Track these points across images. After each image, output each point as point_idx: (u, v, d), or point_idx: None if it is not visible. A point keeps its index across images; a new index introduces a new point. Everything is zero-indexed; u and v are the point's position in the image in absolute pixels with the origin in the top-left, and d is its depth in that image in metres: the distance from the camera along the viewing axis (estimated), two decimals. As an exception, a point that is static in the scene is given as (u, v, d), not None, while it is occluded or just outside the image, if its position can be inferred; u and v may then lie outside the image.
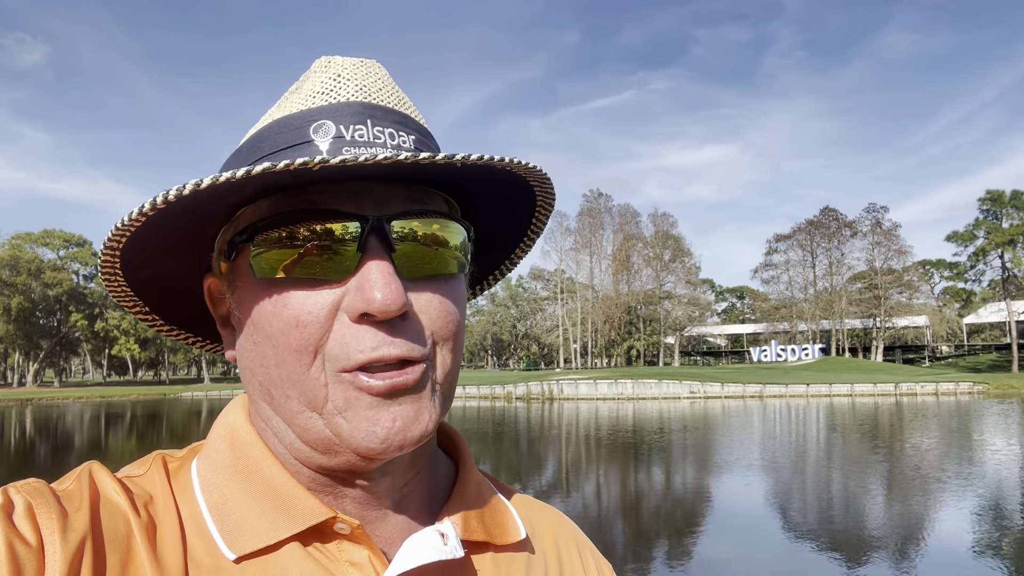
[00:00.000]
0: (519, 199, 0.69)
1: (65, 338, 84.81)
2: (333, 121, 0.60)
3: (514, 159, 0.59)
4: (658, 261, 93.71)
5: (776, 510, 11.42)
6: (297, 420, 0.58)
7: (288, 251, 0.56)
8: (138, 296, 0.68)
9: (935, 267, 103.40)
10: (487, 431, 26.06)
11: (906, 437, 21.55)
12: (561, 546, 0.76)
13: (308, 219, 0.56)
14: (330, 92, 0.62)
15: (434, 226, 0.60)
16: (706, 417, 30.73)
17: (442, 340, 0.59)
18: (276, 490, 0.59)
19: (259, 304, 0.58)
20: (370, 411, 0.55)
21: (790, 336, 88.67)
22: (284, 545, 0.57)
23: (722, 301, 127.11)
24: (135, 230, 0.57)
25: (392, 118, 0.62)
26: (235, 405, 0.66)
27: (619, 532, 10.08)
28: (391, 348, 0.55)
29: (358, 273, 0.56)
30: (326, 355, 0.56)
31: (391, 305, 0.53)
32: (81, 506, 0.53)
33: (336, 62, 0.65)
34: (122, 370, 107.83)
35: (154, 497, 0.58)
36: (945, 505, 11.31)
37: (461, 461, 0.73)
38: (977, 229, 76.78)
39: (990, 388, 46.33)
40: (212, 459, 0.62)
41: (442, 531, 0.62)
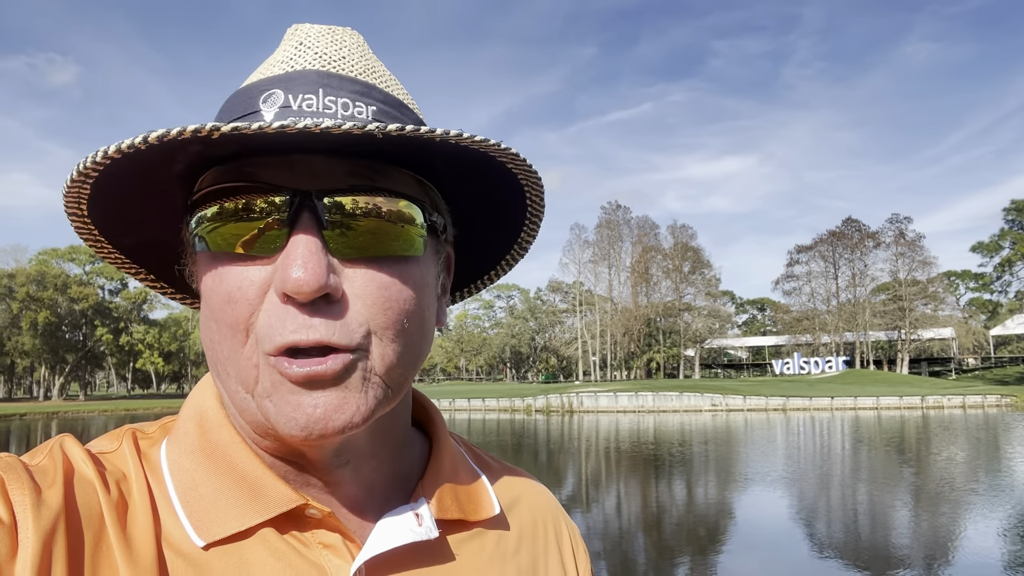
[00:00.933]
0: (507, 199, 0.67)
1: (90, 352, 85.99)
2: (283, 90, 0.58)
3: (462, 133, 0.54)
4: (677, 273, 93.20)
5: (802, 526, 11.24)
6: (235, 399, 0.57)
7: (223, 225, 0.55)
8: (138, 263, 0.68)
9: (960, 278, 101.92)
10: (507, 443, 25.97)
11: (934, 451, 21.16)
12: (538, 518, 0.75)
13: (241, 193, 0.55)
14: (289, 60, 0.61)
15: (381, 203, 0.56)
16: (728, 430, 30.41)
17: (380, 328, 0.56)
18: (246, 476, 0.58)
19: (203, 277, 0.58)
20: (292, 396, 0.53)
21: (813, 348, 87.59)
22: (255, 531, 0.56)
23: (743, 313, 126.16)
24: (95, 204, 0.58)
25: (350, 87, 0.59)
26: (205, 384, 0.64)
27: (641, 547, 9.97)
28: (309, 332, 0.52)
29: (282, 250, 0.54)
30: (256, 335, 0.54)
31: (304, 285, 0.51)
32: (55, 482, 0.52)
33: (302, 30, 0.63)
34: (146, 383, 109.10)
35: (126, 475, 0.57)
36: (975, 521, 11.06)
37: (435, 437, 0.72)
38: (1002, 239, 75.78)
39: (1018, 401, 45.39)
40: (181, 441, 0.61)
41: (416, 512, 0.61)
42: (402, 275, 0.57)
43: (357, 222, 0.55)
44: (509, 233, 0.72)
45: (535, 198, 0.67)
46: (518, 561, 0.69)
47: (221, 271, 0.56)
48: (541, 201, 0.68)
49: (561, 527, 0.78)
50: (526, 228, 0.71)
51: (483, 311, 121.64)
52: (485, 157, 0.59)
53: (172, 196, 0.60)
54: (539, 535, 0.74)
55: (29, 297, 74.21)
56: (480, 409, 49.84)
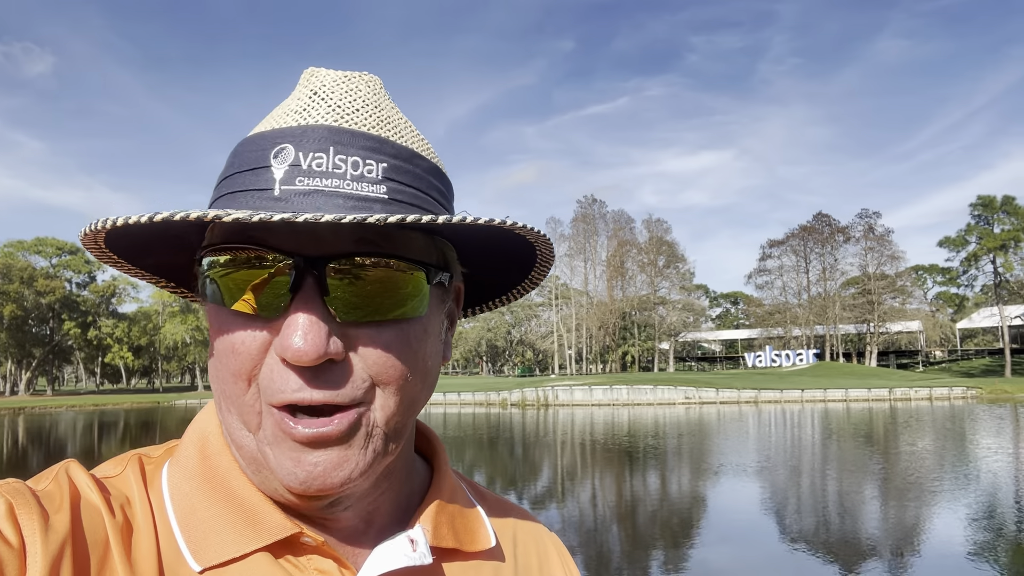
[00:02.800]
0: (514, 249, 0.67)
1: (58, 346, 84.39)
2: (294, 146, 0.58)
3: (466, 218, 0.55)
4: (652, 267, 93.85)
5: (772, 516, 11.41)
6: (235, 435, 0.58)
7: (229, 282, 0.57)
8: (159, 276, 0.70)
9: (928, 272, 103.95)
10: (482, 437, 26.00)
11: (901, 442, 21.59)
12: (533, 553, 0.76)
13: (248, 254, 0.56)
14: (302, 111, 0.60)
15: (382, 269, 0.57)
16: (701, 423, 30.73)
17: (383, 384, 0.57)
18: (243, 503, 0.59)
19: (210, 321, 0.60)
20: (293, 452, 0.55)
21: (784, 341, 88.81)
22: (249, 557, 0.57)
23: (716, 307, 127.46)
24: (112, 240, 0.59)
25: (361, 143, 0.59)
26: (209, 410, 0.66)
27: (615, 539, 10.06)
28: (313, 393, 0.54)
29: (285, 315, 0.55)
30: (259, 384, 0.56)
31: (304, 356, 0.53)
32: (61, 507, 0.53)
33: (318, 76, 0.63)
34: (115, 378, 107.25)
35: (130, 500, 0.58)
36: (940, 510, 11.33)
37: (436, 468, 0.73)
38: (969, 234, 77.21)
39: (983, 393, 46.53)
40: (182, 466, 0.62)
41: (412, 537, 0.62)
42: (404, 336, 0.58)
43: (360, 288, 0.56)
44: (517, 272, 0.73)
45: (543, 261, 0.68)
46: None
47: (226, 323, 0.57)
48: (549, 263, 0.69)
49: (553, 555, 0.78)
50: (535, 273, 0.72)
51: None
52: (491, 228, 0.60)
53: (186, 234, 0.62)
54: (533, 567, 0.74)
55: (-6, 290, 72.63)
56: (456, 403, 49.75)
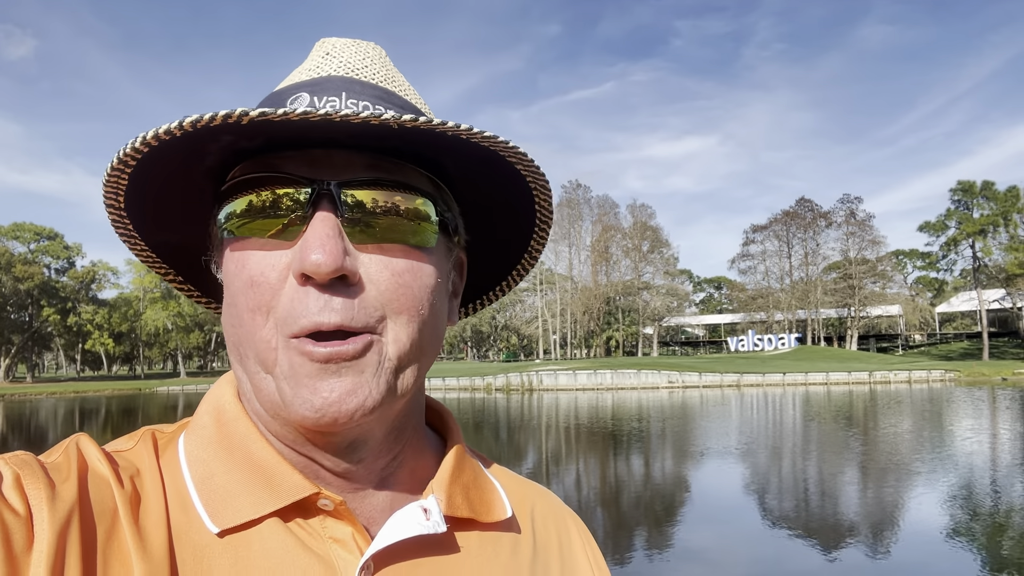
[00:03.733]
0: (515, 205, 0.69)
1: (37, 333, 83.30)
2: (309, 93, 0.62)
3: (473, 128, 0.57)
4: (636, 252, 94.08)
5: (753, 497, 11.54)
6: (254, 379, 0.59)
7: (248, 212, 0.58)
8: (165, 262, 0.71)
9: (908, 257, 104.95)
10: (467, 422, 26.04)
11: (880, 424, 21.89)
12: (551, 524, 0.77)
13: (266, 183, 0.58)
14: (316, 68, 0.66)
15: (396, 196, 0.59)
16: (684, 407, 30.96)
17: (394, 313, 0.58)
18: (260, 465, 0.60)
19: (227, 264, 0.61)
20: (310, 379, 0.55)
21: (767, 326, 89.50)
22: (267, 520, 0.58)
23: (700, 291, 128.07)
24: (132, 196, 0.62)
25: (372, 92, 0.63)
26: (223, 381, 0.67)
27: (599, 521, 10.13)
28: (330, 315, 0.55)
29: (302, 236, 0.56)
30: (276, 318, 0.57)
31: (323, 266, 0.53)
32: (69, 477, 0.53)
33: (329, 42, 0.68)
34: (96, 365, 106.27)
35: (140, 471, 0.59)
36: (917, 490, 11.50)
37: (449, 438, 0.73)
38: (949, 219, 77.94)
39: (961, 376, 47.21)
40: (199, 434, 0.63)
41: (425, 507, 0.63)
42: (415, 264, 0.60)
43: (373, 212, 0.58)
44: (519, 240, 0.75)
45: (543, 202, 0.69)
46: (534, 568, 0.70)
47: (244, 256, 0.59)
48: (549, 205, 0.69)
49: (573, 532, 0.79)
50: (536, 234, 0.73)
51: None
52: (494, 156, 0.61)
53: (202, 192, 0.64)
54: (553, 542, 0.75)
55: (-30, 277, 71.51)
56: (440, 388, 49.77)
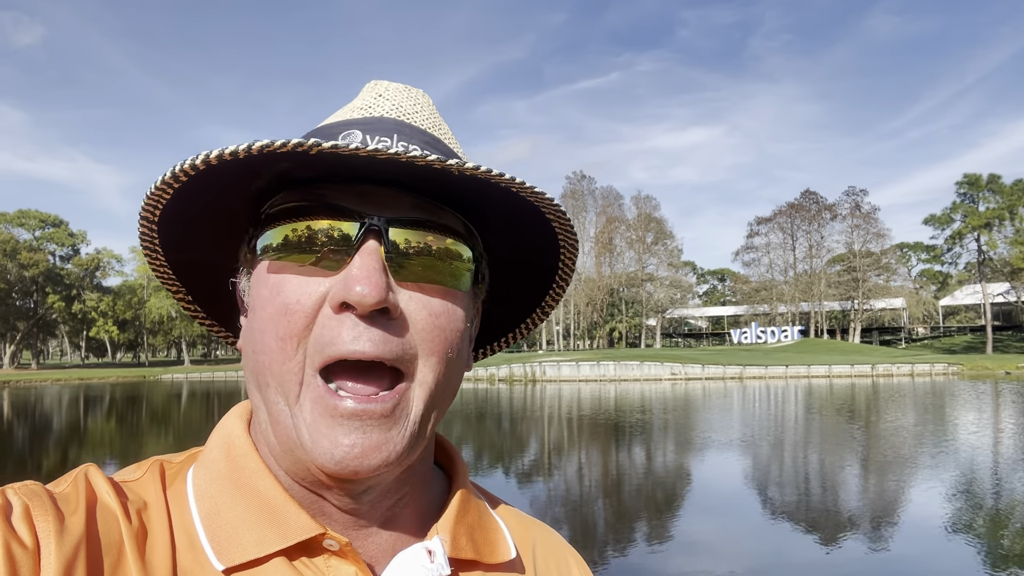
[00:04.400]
0: (541, 249, 0.69)
1: (42, 320, 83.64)
2: (362, 131, 0.62)
3: (524, 183, 0.58)
4: (640, 244, 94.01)
5: (755, 490, 11.59)
6: (272, 409, 0.59)
7: (291, 241, 0.58)
8: (179, 280, 0.71)
9: (912, 250, 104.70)
10: (470, 413, 26.13)
11: (882, 417, 21.92)
12: (552, 565, 0.76)
13: (315, 212, 0.58)
14: (368, 108, 0.67)
15: (436, 237, 0.60)
16: (687, 399, 31.02)
17: (427, 354, 0.59)
18: (268, 503, 0.59)
19: (260, 290, 0.60)
20: (331, 432, 0.55)
21: (770, 318, 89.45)
22: (272, 559, 0.58)
23: (703, 283, 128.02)
24: (167, 212, 0.61)
25: (421, 137, 0.64)
26: (234, 414, 0.67)
27: (600, 513, 10.20)
28: (367, 345, 0.55)
29: (346, 266, 0.57)
30: (307, 347, 0.56)
31: (368, 297, 0.54)
32: (77, 509, 0.53)
33: (382, 85, 0.70)
34: (101, 352, 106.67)
35: (148, 504, 0.58)
36: (919, 483, 11.53)
37: (455, 477, 0.73)
38: (954, 212, 77.70)
39: (964, 369, 47.20)
40: (208, 468, 0.63)
41: (430, 548, 0.62)
42: (451, 306, 0.61)
43: (416, 252, 0.59)
44: (535, 294, 0.76)
45: (568, 260, 0.70)
46: None
47: (281, 282, 0.58)
48: (573, 264, 0.71)
49: (574, 570, 0.79)
50: (554, 289, 0.74)
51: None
52: (532, 210, 0.63)
53: (232, 214, 0.64)
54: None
55: (-24, 263, 71.75)
56: (443, 378, 49.81)
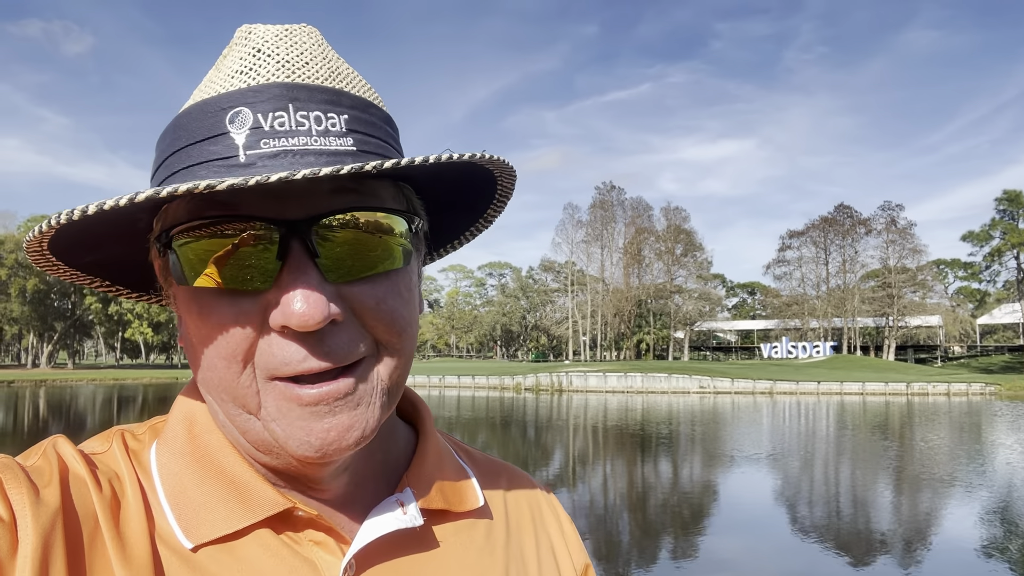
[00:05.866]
0: (477, 185, 0.66)
1: (79, 320, 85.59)
2: (251, 108, 0.55)
3: (441, 156, 0.54)
4: (669, 255, 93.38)
5: (785, 508, 11.40)
6: (237, 421, 0.57)
7: (208, 258, 0.54)
8: (94, 275, 0.66)
9: (950, 267, 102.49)
10: (495, 421, 26.13)
11: (917, 437, 21.44)
12: (523, 507, 0.77)
13: (226, 225, 0.53)
14: (249, 71, 0.57)
15: (368, 220, 0.56)
16: (715, 412, 30.67)
17: (383, 341, 0.57)
18: (234, 480, 0.58)
19: (188, 307, 0.56)
20: (302, 421, 0.54)
21: (801, 333, 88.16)
22: (244, 534, 0.57)
23: (733, 296, 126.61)
24: (52, 235, 0.54)
25: (320, 97, 0.57)
26: (193, 389, 0.64)
27: (625, 526, 10.10)
28: (319, 361, 0.53)
29: (278, 284, 0.53)
30: (255, 364, 0.54)
31: (309, 320, 0.51)
32: (51, 481, 0.52)
33: (257, 33, 0.60)
34: (134, 353, 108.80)
35: (119, 475, 0.58)
36: (954, 506, 11.25)
37: (422, 431, 0.72)
38: (993, 229, 76.04)
39: (1002, 389, 45.95)
40: (170, 445, 0.61)
41: (401, 501, 0.63)
42: (392, 288, 0.58)
43: (347, 245, 0.55)
44: (476, 211, 0.72)
45: (503, 193, 0.68)
46: (508, 551, 0.70)
47: (209, 304, 0.54)
48: (508, 194, 0.69)
49: (546, 510, 0.79)
50: (493, 206, 0.71)
51: (475, 289, 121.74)
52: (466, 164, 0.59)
53: (136, 222, 0.58)
54: (526, 524, 0.75)
55: (17, 264, 73.60)
56: (470, 387, 50.02)
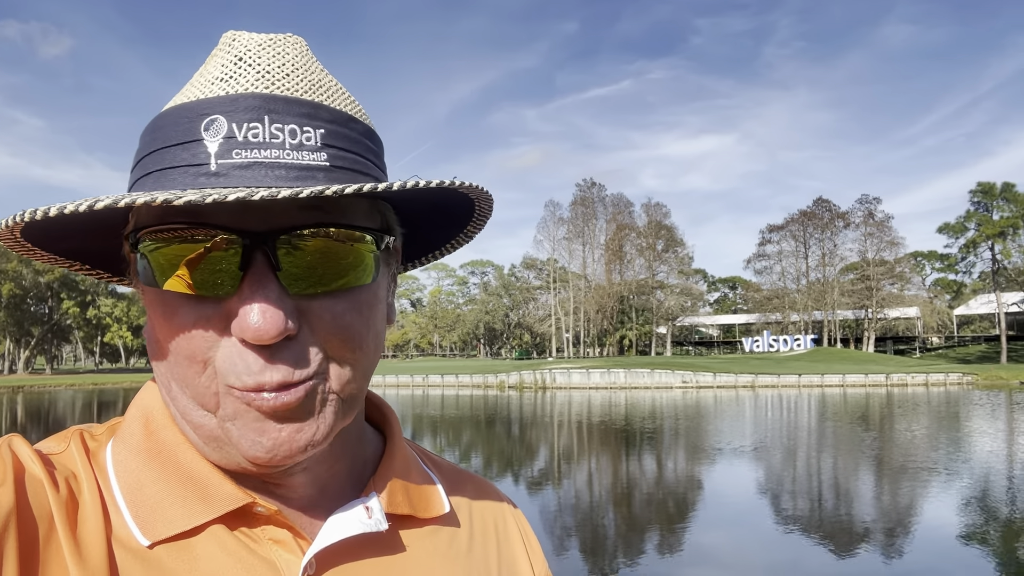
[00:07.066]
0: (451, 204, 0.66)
1: (57, 325, 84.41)
2: (226, 117, 0.55)
3: (407, 183, 0.54)
4: (651, 251, 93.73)
5: (768, 500, 11.50)
6: (192, 416, 0.57)
7: (174, 262, 0.54)
8: (72, 259, 0.66)
9: (927, 259, 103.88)
10: (479, 419, 26.12)
11: (896, 427, 21.72)
12: (488, 517, 0.77)
13: (191, 232, 0.54)
14: (228, 79, 0.57)
15: (331, 237, 0.56)
16: (698, 407, 30.88)
17: (337, 355, 0.57)
18: (191, 475, 0.58)
19: (153, 307, 0.57)
20: (257, 423, 0.54)
21: (782, 327, 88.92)
22: (202, 530, 0.57)
23: (714, 291, 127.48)
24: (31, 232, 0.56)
25: (297, 110, 0.57)
26: (151, 386, 0.64)
27: (611, 521, 10.14)
28: (272, 374, 0.53)
29: (239, 294, 0.54)
30: (216, 368, 0.55)
31: (264, 335, 0.52)
32: (5, 481, 0.52)
33: (241, 40, 0.60)
34: (114, 357, 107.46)
35: (76, 475, 0.57)
36: (934, 493, 11.42)
37: (389, 435, 0.73)
38: (968, 221, 77.03)
39: (979, 379, 46.71)
40: (127, 442, 0.61)
41: (367, 505, 0.63)
42: (356, 304, 0.58)
43: (310, 260, 0.55)
44: (454, 227, 0.72)
45: (481, 216, 0.68)
46: (471, 559, 0.71)
47: (173, 306, 0.55)
48: (486, 218, 0.69)
49: (511, 524, 0.79)
50: (471, 227, 0.71)
51: (457, 287, 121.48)
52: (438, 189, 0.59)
53: (109, 217, 0.57)
54: (490, 533, 0.75)
55: (-9, 269, 72.51)
56: (453, 385, 49.94)
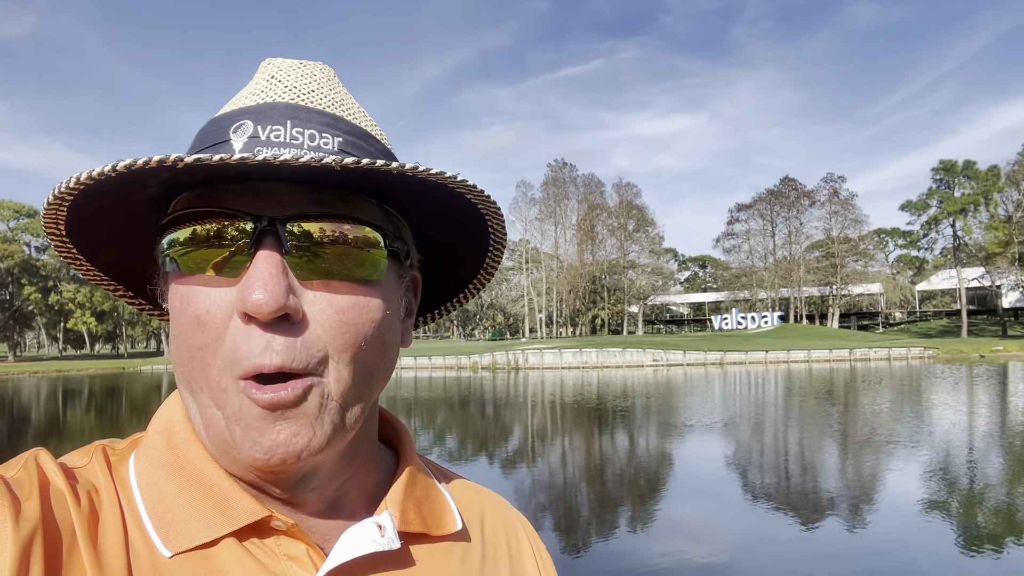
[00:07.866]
0: (469, 228, 0.69)
1: (18, 312, 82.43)
2: (253, 121, 0.60)
3: (418, 166, 0.56)
4: (622, 231, 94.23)
5: (736, 473, 11.75)
6: (205, 413, 0.58)
7: (191, 248, 0.57)
8: (116, 280, 0.70)
9: (890, 236, 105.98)
10: (453, 400, 26.20)
11: (859, 401, 22.27)
12: (500, 533, 0.78)
13: (207, 217, 0.57)
14: (260, 93, 0.63)
15: (343, 229, 0.58)
16: (668, 384, 31.28)
17: (337, 352, 0.57)
18: (212, 489, 0.59)
19: (172, 299, 0.60)
20: (257, 422, 0.55)
21: (750, 304, 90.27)
22: (220, 542, 0.58)
23: (685, 270, 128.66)
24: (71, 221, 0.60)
25: (317, 119, 0.61)
26: (174, 400, 0.66)
27: (584, 498, 10.30)
28: (272, 357, 0.54)
29: (246, 275, 0.55)
30: (223, 358, 0.56)
31: (264, 305, 0.53)
32: (31, 494, 0.53)
33: (275, 64, 0.65)
34: (79, 344, 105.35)
35: (97, 489, 0.58)
36: (897, 465, 11.76)
37: (402, 454, 0.74)
38: (930, 198, 78.65)
39: (940, 353, 48.00)
40: (149, 456, 0.62)
41: (379, 523, 0.63)
42: (362, 299, 0.59)
43: (319, 247, 0.57)
44: (474, 259, 0.74)
45: (496, 226, 0.69)
46: (483, 575, 0.71)
47: (189, 293, 0.57)
48: (502, 230, 0.70)
49: (523, 537, 0.80)
50: (489, 255, 0.73)
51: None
52: (443, 189, 0.61)
53: (143, 220, 0.62)
54: (502, 549, 0.76)
55: (-52, 255, 70.47)
56: (427, 367, 49.87)
